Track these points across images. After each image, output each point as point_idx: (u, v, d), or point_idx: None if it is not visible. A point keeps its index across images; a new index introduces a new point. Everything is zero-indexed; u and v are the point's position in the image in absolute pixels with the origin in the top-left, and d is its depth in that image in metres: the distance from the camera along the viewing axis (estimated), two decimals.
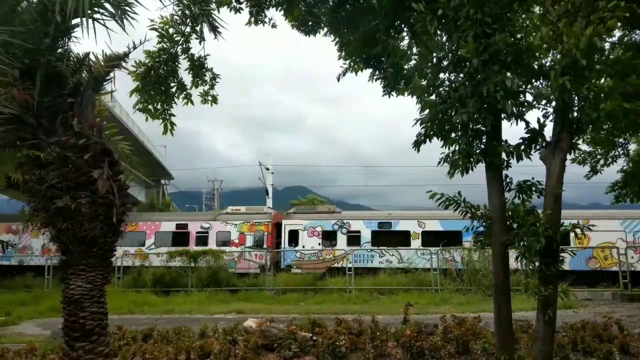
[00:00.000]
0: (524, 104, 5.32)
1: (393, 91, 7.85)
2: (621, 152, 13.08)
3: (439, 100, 5.68)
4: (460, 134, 5.59)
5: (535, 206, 5.44)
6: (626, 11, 4.80)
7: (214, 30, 7.08)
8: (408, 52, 7.45)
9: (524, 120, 5.38)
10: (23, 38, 4.50)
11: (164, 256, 21.31)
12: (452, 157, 5.59)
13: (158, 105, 7.86)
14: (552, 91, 4.93)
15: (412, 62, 7.25)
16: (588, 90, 4.82)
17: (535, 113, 5.53)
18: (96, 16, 4.70)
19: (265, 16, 8.73)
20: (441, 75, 5.81)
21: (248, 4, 8.45)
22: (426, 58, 6.02)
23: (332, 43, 8.31)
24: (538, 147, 5.49)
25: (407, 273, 19.22)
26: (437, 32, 5.71)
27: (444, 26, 5.55)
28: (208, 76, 8.08)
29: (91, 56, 5.26)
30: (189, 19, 7.35)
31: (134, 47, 5.59)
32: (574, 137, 5.35)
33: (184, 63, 7.88)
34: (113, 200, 4.93)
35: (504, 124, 5.54)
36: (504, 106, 4.99)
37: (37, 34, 4.71)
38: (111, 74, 5.42)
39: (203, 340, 8.35)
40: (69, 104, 5.04)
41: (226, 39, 7.20)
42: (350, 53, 7.93)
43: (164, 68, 7.68)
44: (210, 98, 8.24)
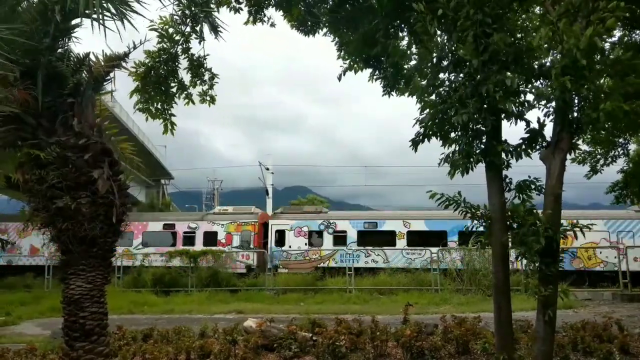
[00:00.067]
0: (524, 104, 5.33)
1: (393, 91, 7.84)
2: (621, 152, 13.08)
3: (439, 100, 5.68)
4: (460, 134, 5.59)
5: (534, 205, 5.45)
6: (626, 11, 4.80)
7: (215, 31, 7.08)
8: (408, 52, 7.44)
9: (525, 119, 5.38)
10: (25, 37, 4.50)
11: (156, 256, 21.43)
12: (452, 158, 5.60)
13: (158, 105, 7.85)
14: (553, 91, 4.94)
15: (412, 62, 7.25)
16: (588, 90, 4.82)
17: (535, 113, 5.53)
18: (96, 16, 4.70)
19: (264, 15, 8.70)
20: (441, 75, 5.82)
21: (247, 4, 8.44)
22: (426, 58, 6.02)
23: (332, 43, 8.31)
24: (538, 147, 5.49)
25: (407, 273, 19.24)
26: (437, 32, 5.71)
27: (444, 26, 5.55)
28: (207, 76, 8.07)
29: (91, 56, 5.26)
30: (189, 19, 7.35)
31: (134, 47, 5.59)
32: (574, 137, 5.35)
33: (184, 63, 7.88)
34: (113, 200, 4.93)
35: (504, 124, 5.54)
36: (505, 106, 4.99)
37: (37, 34, 4.71)
38: (111, 74, 5.42)
39: (203, 340, 8.35)
40: (69, 104, 5.04)
41: (226, 39, 7.20)
42: (350, 53, 7.91)
43: (164, 68, 7.67)
44: (208, 98, 8.23)
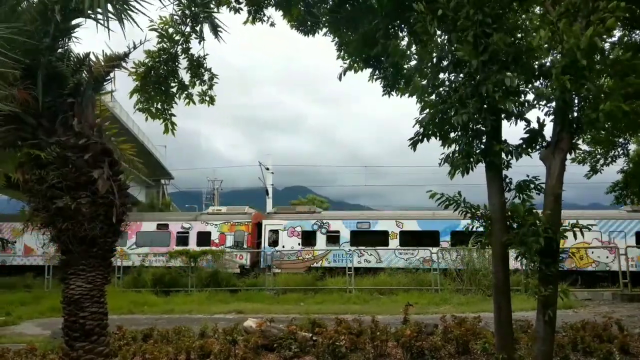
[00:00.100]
0: (524, 104, 5.32)
1: (393, 91, 7.84)
2: (621, 152, 13.09)
3: (439, 100, 5.68)
4: (460, 134, 5.59)
5: (534, 205, 5.45)
6: (626, 11, 4.80)
7: (215, 31, 7.07)
8: (408, 52, 7.45)
9: (525, 119, 5.37)
10: (27, 35, 4.49)
11: (149, 256, 21.48)
12: (453, 158, 5.59)
13: (158, 105, 7.85)
14: (553, 91, 4.93)
15: (412, 62, 7.25)
16: (588, 90, 4.81)
17: (535, 112, 5.53)
18: (99, 16, 4.69)
19: (263, 15, 8.69)
20: (441, 75, 5.81)
21: (247, 4, 8.42)
22: (426, 58, 6.01)
23: (332, 43, 8.30)
24: (538, 147, 5.49)
25: (407, 273, 19.25)
26: (437, 33, 5.70)
27: (444, 26, 5.55)
28: (206, 76, 8.07)
29: (91, 56, 5.26)
30: (189, 19, 7.35)
31: (134, 47, 5.59)
32: (574, 137, 5.35)
33: (184, 63, 7.88)
34: (113, 200, 4.93)
35: (504, 124, 5.54)
36: (504, 105, 4.99)
37: (37, 34, 4.71)
38: (111, 74, 5.42)
39: (203, 340, 8.36)
40: (69, 104, 5.04)
41: (226, 39, 7.19)
42: (350, 53, 7.91)
43: (164, 68, 7.67)
44: (208, 98, 8.22)
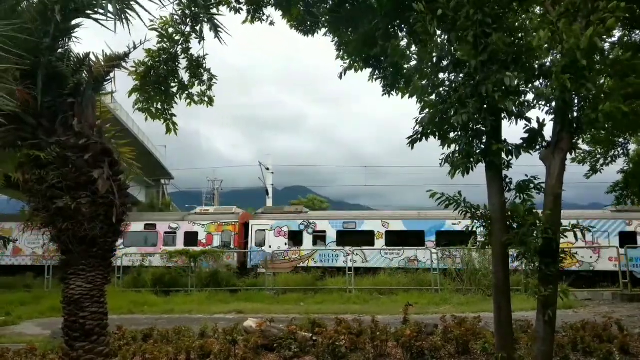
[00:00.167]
0: (524, 104, 5.32)
1: (393, 91, 7.84)
2: (621, 152, 13.10)
3: (439, 100, 5.68)
4: (460, 134, 5.58)
5: (534, 205, 5.44)
6: (626, 12, 4.79)
7: (216, 32, 7.06)
8: (407, 53, 7.44)
9: (525, 118, 5.37)
10: (28, 33, 4.49)
11: (137, 256, 21.66)
12: (453, 158, 5.59)
13: (158, 105, 7.85)
14: (553, 91, 4.93)
15: (412, 63, 7.24)
16: (588, 90, 4.81)
17: (535, 112, 5.52)
18: (103, 11, 4.70)
19: (263, 14, 8.69)
20: (441, 75, 5.81)
21: (246, 3, 8.41)
22: (425, 58, 6.00)
23: (332, 43, 8.30)
24: (538, 147, 5.49)
25: (407, 273, 19.26)
26: (437, 33, 5.70)
27: (444, 26, 5.55)
28: (205, 76, 8.06)
29: (91, 56, 5.26)
30: (189, 19, 7.34)
31: (134, 47, 5.58)
32: (574, 137, 5.35)
33: (184, 63, 7.87)
34: (113, 200, 4.93)
35: (504, 124, 5.53)
36: (504, 105, 4.99)
37: (37, 34, 4.71)
38: (111, 74, 5.42)
39: (203, 340, 8.36)
40: (69, 104, 5.03)
41: (226, 40, 7.17)
42: (350, 53, 7.91)
43: (164, 68, 7.67)
44: (206, 99, 8.21)
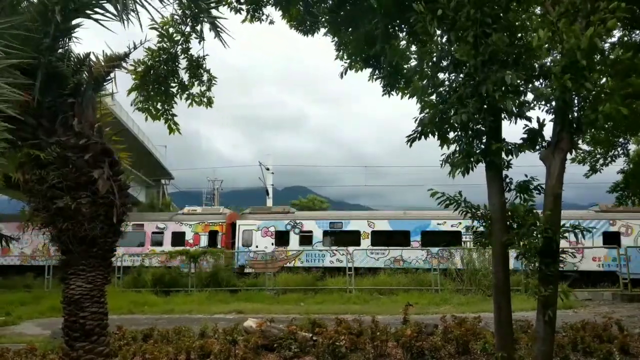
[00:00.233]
0: (524, 103, 5.32)
1: (393, 91, 7.84)
2: (621, 152, 13.08)
3: (439, 100, 5.68)
4: (460, 134, 5.58)
5: (535, 205, 5.44)
6: (627, 12, 4.79)
7: (218, 35, 7.02)
8: (407, 52, 7.44)
9: (525, 117, 5.37)
10: (27, 29, 4.48)
11: (125, 256, 21.53)
12: (453, 158, 5.59)
13: (158, 105, 7.84)
14: (553, 91, 4.93)
15: (412, 62, 7.24)
16: (588, 90, 4.81)
17: (535, 112, 5.51)
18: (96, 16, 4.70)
19: (262, 14, 8.67)
20: (441, 75, 5.81)
21: (245, 2, 8.40)
22: (425, 58, 6.00)
23: (332, 43, 8.30)
24: (538, 147, 5.49)
25: (407, 273, 19.27)
26: (437, 33, 5.70)
27: (444, 26, 5.55)
28: (205, 77, 8.05)
29: (92, 56, 5.26)
30: (189, 19, 7.33)
31: (135, 48, 5.58)
32: (574, 137, 5.35)
33: (184, 63, 7.86)
34: (113, 200, 4.93)
35: (504, 124, 5.53)
36: (504, 104, 4.99)
37: (37, 34, 4.71)
38: (112, 74, 5.42)
39: (203, 340, 8.36)
40: (70, 104, 5.03)
41: (227, 40, 7.15)
42: (349, 53, 7.91)
43: (164, 68, 7.66)
44: (205, 100, 8.20)
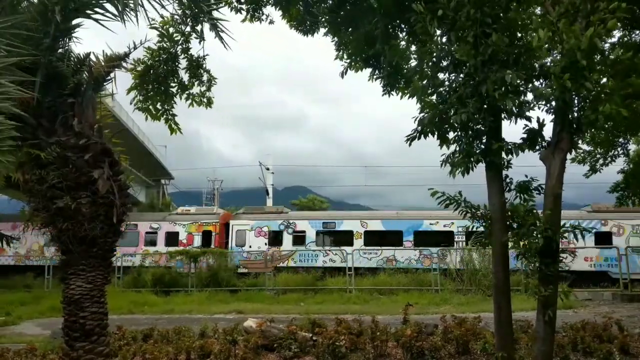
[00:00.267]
0: (524, 103, 5.32)
1: (393, 91, 7.83)
2: (621, 152, 13.09)
3: (439, 100, 5.68)
4: (460, 134, 5.58)
5: (535, 205, 5.44)
6: (627, 12, 4.79)
7: (219, 36, 7.01)
8: (407, 52, 7.43)
9: (525, 117, 5.36)
10: (27, 29, 4.48)
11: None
12: (453, 158, 5.59)
13: (158, 105, 7.83)
14: (553, 91, 4.93)
15: (412, 62, 7.24)
16: (588, 90, 4.81)
17: (535, 112, 5.51)
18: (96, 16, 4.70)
19: (262, 14, 8.67)
20: (441, 75, 5.81)
21: (246, 2, 8.39)
22: (425, 58, 6.00)
23: (332, 43, 8.30)
24: (538, 147, 5.49)
25: (407, 273, 19.28)
26: (437, 33, 5.70)
27: (444, 27, 5.54)
28: (205, 77, 8.05)
29: (92, 56, 5.26)
30: (189, 19, 7.33)
31: (135, 47, 5.58)
32: (574, 137, 5.35)
33: (184, 63, 7.85)
34: (113, 200, 4.93)
35: (504, 124, 5.53)
36: (504, 104, 4.98)
37: (38, 34, 4.71)
38: (112, 74, 5.42)
39: (203, 340, 8.36)
40: (70, 104, 5.03)
41: (228, 42, 7.14)
42: (349, 53, 7.91)
43: (164, 67, 7.66)
44: (205, 100, 8.20)
